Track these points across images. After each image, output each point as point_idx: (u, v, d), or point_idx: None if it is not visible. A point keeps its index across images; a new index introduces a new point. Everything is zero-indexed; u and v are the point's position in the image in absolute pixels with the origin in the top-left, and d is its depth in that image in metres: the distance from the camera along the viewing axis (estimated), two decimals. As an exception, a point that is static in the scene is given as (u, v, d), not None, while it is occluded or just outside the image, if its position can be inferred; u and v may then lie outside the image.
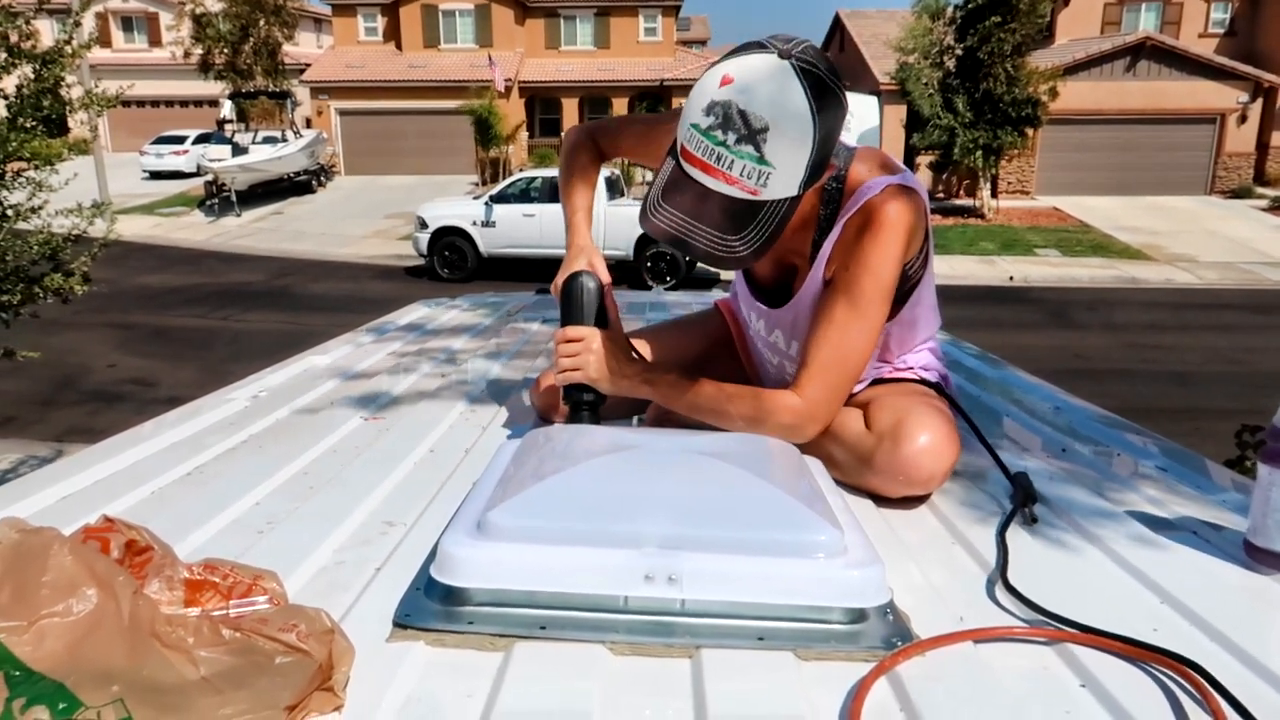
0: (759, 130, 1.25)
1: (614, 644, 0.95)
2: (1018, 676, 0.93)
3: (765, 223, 1.31)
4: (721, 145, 1.27)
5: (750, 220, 1.31)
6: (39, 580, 0.79)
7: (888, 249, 1.40)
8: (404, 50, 29.53)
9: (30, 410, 9.02)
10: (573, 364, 1.57)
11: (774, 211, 1.31)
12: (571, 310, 1.62)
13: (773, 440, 1.35)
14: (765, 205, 1.30)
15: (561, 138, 1.70)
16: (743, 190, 1.29)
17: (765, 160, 1.26)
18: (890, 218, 1.40)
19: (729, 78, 1.27)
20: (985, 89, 19.27)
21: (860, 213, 1.42)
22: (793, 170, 1.28)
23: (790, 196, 1.31)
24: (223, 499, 1.37)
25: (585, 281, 1.61)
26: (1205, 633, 1.02)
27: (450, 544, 1.01)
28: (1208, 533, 1.32)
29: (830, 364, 1.43)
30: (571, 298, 1.62)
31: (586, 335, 1.57)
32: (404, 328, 3.01)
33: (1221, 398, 9.18)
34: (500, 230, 15.12)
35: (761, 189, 1.29)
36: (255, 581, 0.92)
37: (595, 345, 1.56)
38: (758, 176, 1.27)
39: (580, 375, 1.56)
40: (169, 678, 0.75)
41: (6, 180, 5.68)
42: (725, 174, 1.28)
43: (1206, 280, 15.77)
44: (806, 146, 1.27)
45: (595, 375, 1.56)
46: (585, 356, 1.55)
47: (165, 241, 18.82)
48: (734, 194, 1.29)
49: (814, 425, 1.45)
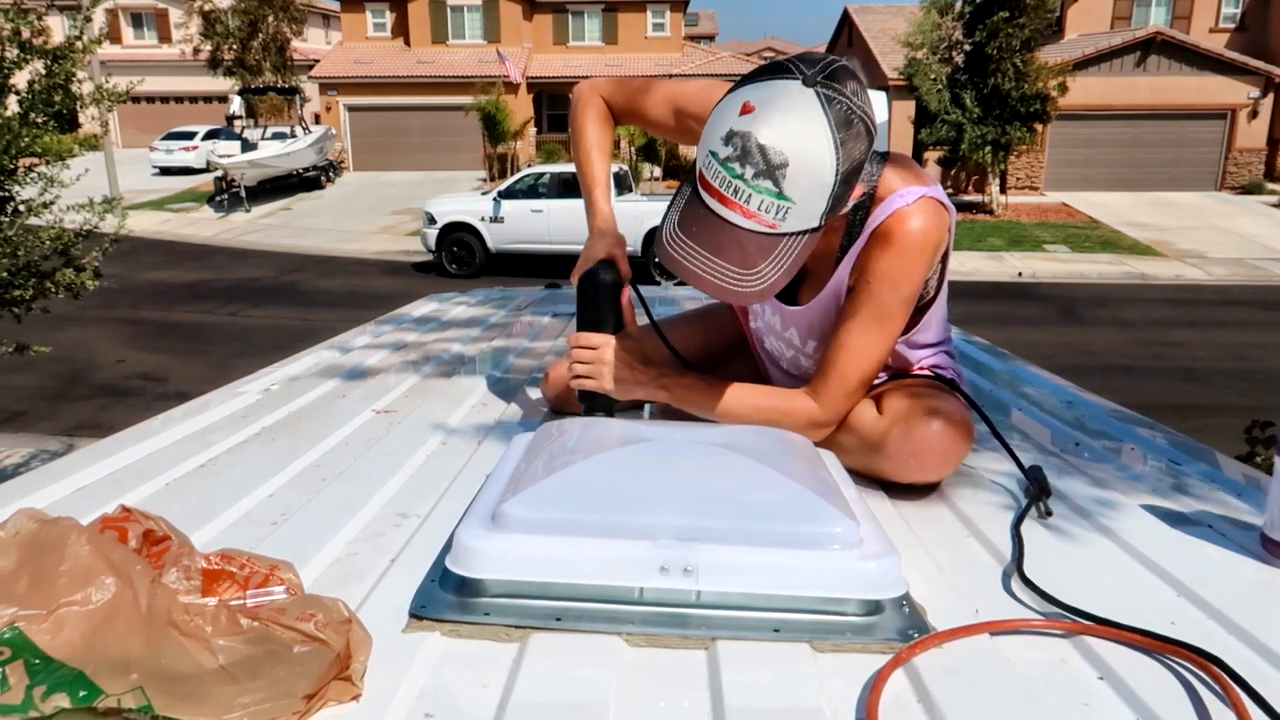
0: (778, 166, 1.21)
1: (629, 635, 0.95)
2: (1035, 669, 0.92)
3: (783, 256, 1.28)
4: (739, 179, 1.22)
5: (768, 254, 1.27)
6: (57, 569, 0.79)
7: (913, 263, 1.39)
8: (412, 46, 29.54)
9: (40, 405, 9.06)
10: (586, 371, 1.56)
11: (793, 245, 1.27)
12: (587, 310, 1.58)
13: (787, 433, 1.34)
14: (784, 238, 1.27)
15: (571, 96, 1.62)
16: (760, 224, 1.25)
17: (784, 195, 1.22)
18: (918, 231, 1.37)
19: (750, 106, 1.22)
20: (994, 84, 19.18)
21: (888, 223, 1.39)
22: (813, 204, 1.25)
23: (811, 228, 1.28)
24: (236, 491, 1.37)
25: (603, 278, 1.56)
26: (1224, 626, 1.01)
27: (465, 535, 1.01)
28: (1223, 526, 1.32)
29: (846, 372, 1.44)
30: (587, 297, 1.57)
31: (600, 344, 1.54)
32: (414, 322, 3.01)
33: (1230, 394, 9.15)
34: (508, 226, 15.12)
35: (780, 223, 1.25)
36: (272, 572, 0.92)
37: (608, 356, 1.54)
38: (776, 211, 1.24)
39: (594, 384, 1.55)
40: (187, 666, 0.75)
41: (19, 175, 5.69)
42: (743, 208, 1.24)
43: (1216, 276, 15.70)
44: (828, 181, 1.23)
45: (609, 385, 1.55)
46: (599, 366, 1.54)
47: (175, 237, 18.87)
48: (752, 227, 1.26)
49: (826, 429, 1.48)
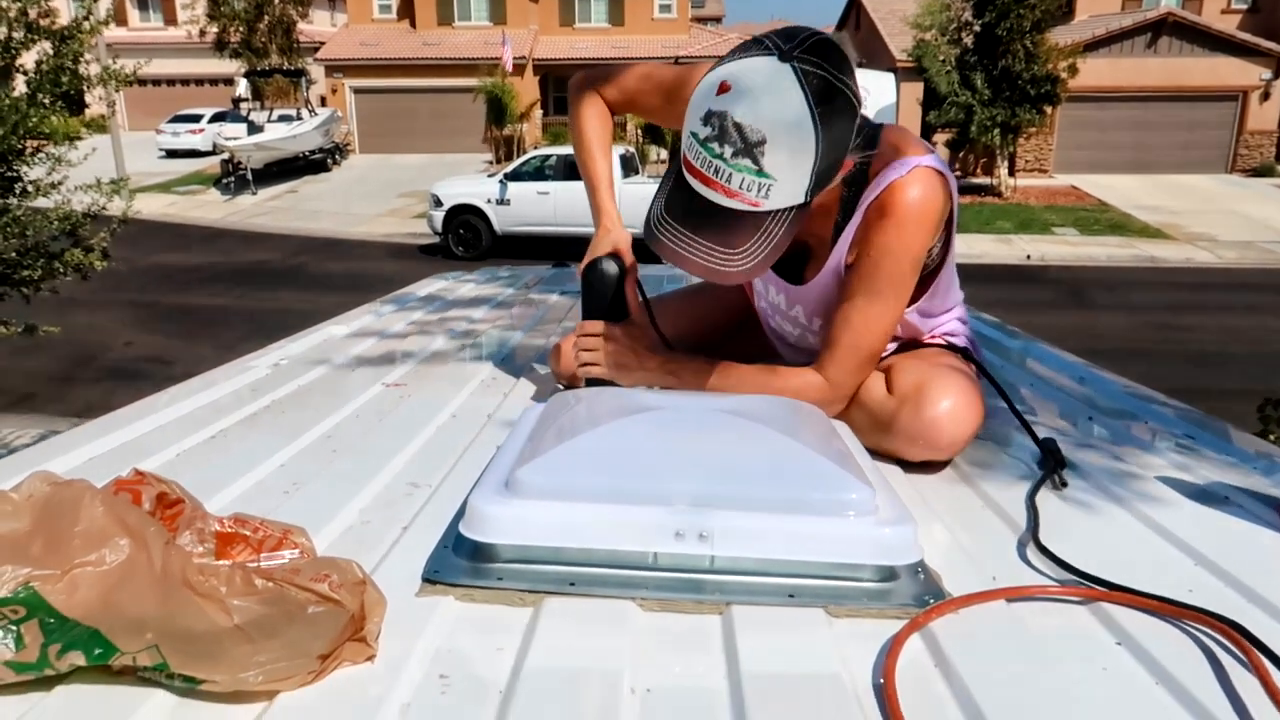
0: (755, 143, 1.20)
1: (644, 600, 0.94)
2: (1053, 634, 0.92)
3: (769, 234, 1.26)
4: (719, 159, 1.22)
5: (753, 233, 1.26)
6: (71, 531, 0.79)
7: (911, 235, 1.37)
8: (418, 28, 29.43)
9: (49, 387, 9.09)
10: (591, 359, 1.56)
11: (779, 221, 1.26)
12: (590, 300, 1.60)
13: (800, 402, 1.34)
14: (769, 215, 1.26)
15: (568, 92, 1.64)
16: (744, 203, 1.24)
17: (764, 173, 1.22)
18: (914, 202, 1.35)
19: (726, 85, 1.21)
20: (1003, 66, 19.04)
21: (885, 194, 1.37)
22: (796, 179, 1.23)
23: (797, 205, 1.26)
24: (248, 461, 1.37)
25: (605, 269, 1.57)
26: (1242, 594, 1.01)
27: (479, 500, 1.00)
28: (1239, 497, 1.31)
29: (853, 347, 1.43)
30: (591, 287, 1.59)
31: (605, 332, 1.56)
32: (422, 299, 3.01)
33: (1241, 378, 9.10)
34: (515, 208, 15.11)
35: (764, 200, 1.24)
36: (285, 536, 0.91)
37: (613, 341, 1.55)
38: (758, 189, 1.23)
39: (600, 371, 1.56)
40: (202, 625, 0.75)
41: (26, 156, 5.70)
42: (725, 187, 1.23)
43: (1226, 260, 15.62)
44: (808, 155, 1.22)
45: (613, 371, 1.55)
46: (604, 354, 1.55)
47: (181, 220, 18.88)
48: (735, 206, 1.25)
49: (837, 405, 1.46)
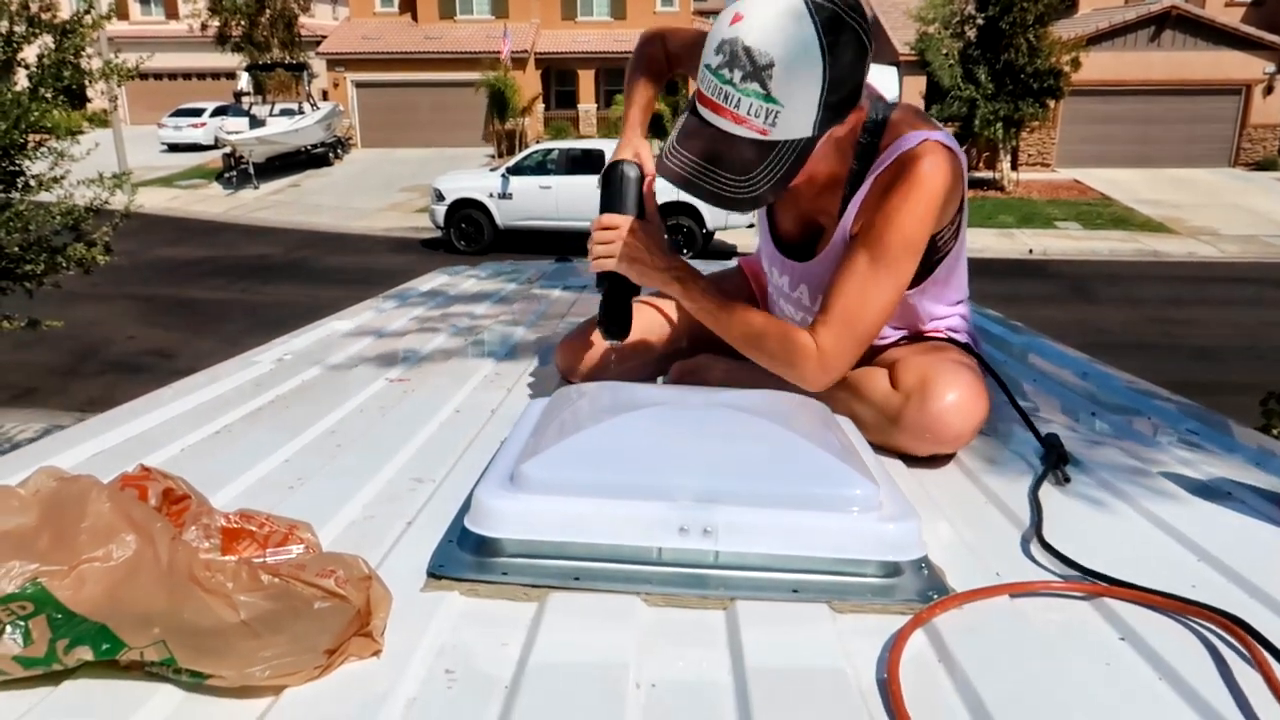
0: (764, 67, 1.22)
1: (648, 595, 0.95)
2: (1056, 630, 0.92)
3: (777, 164, 1.28)
4: (729, 84, 1.25)
5: (761, 161, 1.28)
6: (78, 526, 0.79)
7: (918, 204, 1.36)
8: (420, 22, 29.36)
9: (52, 381, 9.10)
10: (605, 251, 1.53)
11: (787, 152, 1.28)
12: (610, 197, 1.58)
13: (804, 397, 1.34)
14: (777, 145, 1.28)
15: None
16: (752, 130, 1.26)
17: (772, 98, 1.24)
18: (924, 172, 1.35)
19: (739, 15, 1.25)
20: (1006, 60, 18.98)
21: (893, 166, 1.38)
22: (804, 109, 1.25)
23: (805, 137, 1.28)
24: (252, 456, 1.37)
25: (626, 170, 1.58)
26: (1245, 590, 1.01)
27: (484, 495, 1.01)
28: (1242, 493, 1.31)
29: (848, 317, 1.39)
30: (611, 185, 1.58)
31: (621, 223, 1.53)
32: (425, 294, 3.01)
33: (1243, 372, 9.09)
34: (517, 203, 15.08)
35: (771, 128, 1.26)
36: (291, 531, 0.92)
37: (627, 234, 1.52)
38: (766, 115, 1.25)
39: (611, 264, 1.53)
40: (209, 621, 0.76)
41: (28, 150, 5.69)
42: (733, 113, 1.26)
43: (1229, 254, 15.59)
44: (816, 84, 1.24)
45: (626, 265, 1.52)
46: (618, 245, 1.52)
47: (183, 214, 18.88)
48: (744, 134, 1.27)
49: (824, 375, 1.41)
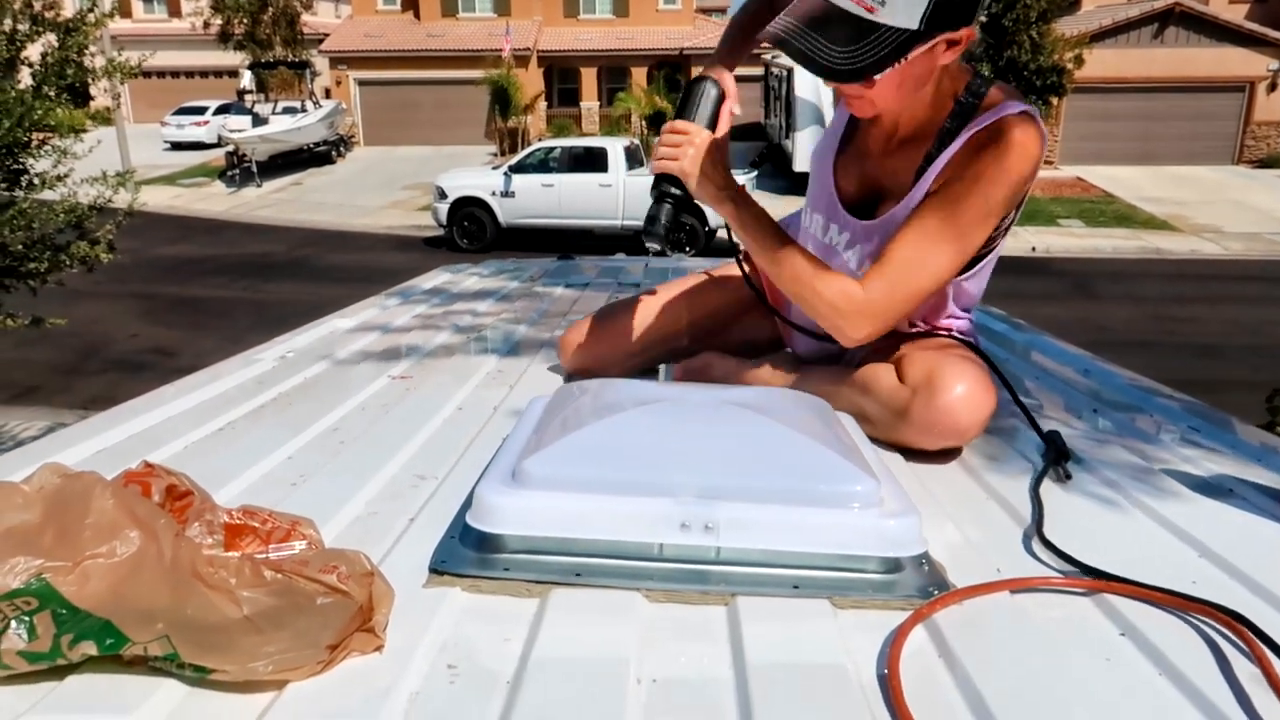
0: None
1: (649, 591, 0.95)
2: (1056, 625, 0.92)
3: (875, 47, 1.29)
4: None
5: (862, 39, 1.29)
6: (82, 523, 0.79)
7: (1009, 171, 1.37)
8: (422, 19, 29.34)
9: (54, 379, 9.12)
10: (670, 153, 1.52)
11: (889, 39, 1.28)
12: (687, 106, 1.58)
13: (806, 395, 1.34)
14: (880, 29, 1.28)
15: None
16: (860, 6, 1.27)
17: None
18: (1023, 140, 1.37)
19: None
20: (1009, 57, 18.96)
21: (993, 127, 1.39)
22: None
23: (910, 29, 1.28)
24: (255, 453, 1.38)
25: (708, 87, 1.58)
26: (1246, 586, 1.01)
27: (486, 491, 1.01)
28: (1243, 489, 1.31)
29: (905, 269, 1.38)
30: (690, 95, 1.59)
31: (692, 130, 1.53)
32: (427, 292, 3.01)
33: (1246, 370, 9.08)
34: (519, 201, 15.08)
35: (880, 7, 1.27)
36: (293, 527, 0.92)
37: (698, 141, 1.51)
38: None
39: (674, 166, 1.52)
40: (212, 616, 0.76)
41: (32, 149, 5.70)
42: None
43: (1232, 251, 15.55)
44: None
45: (689, 169, 1.51)
46: (685, 149, 1.51)
47: (186, 212, 18.89)
48: (852, 9, 1.28)
49: (862, 322, 1.41)
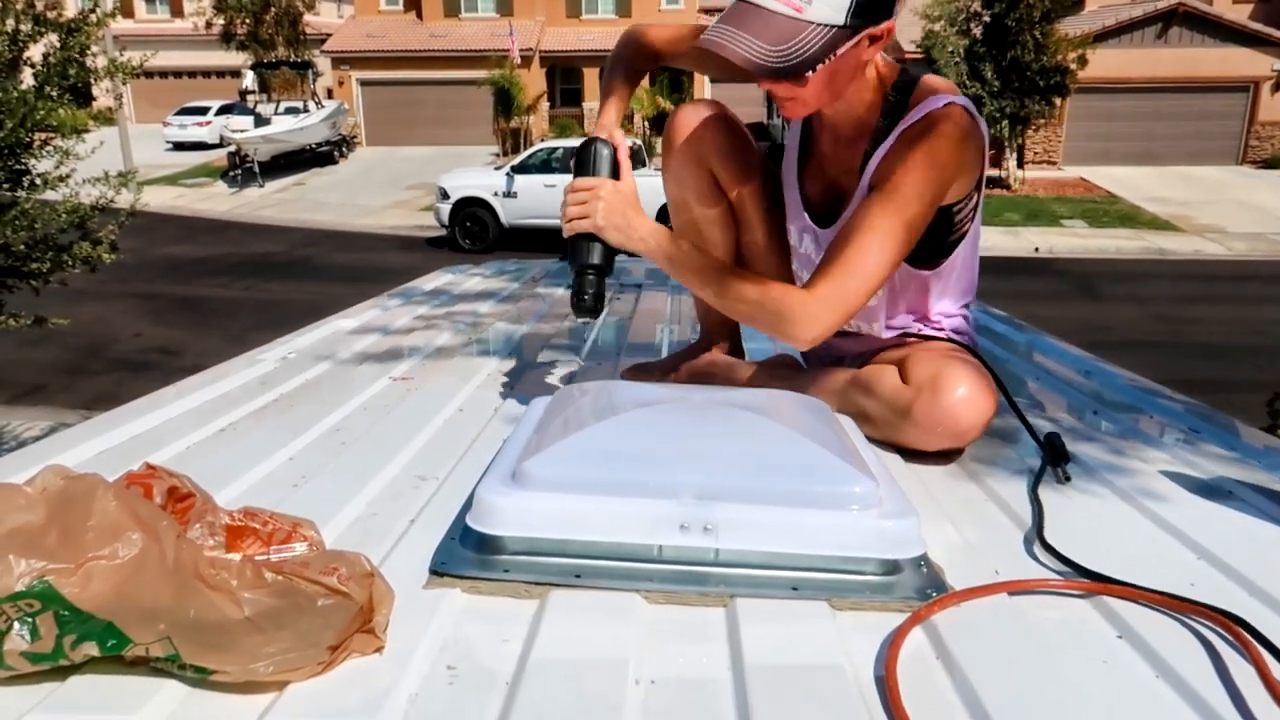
0: None
1: (648, 593, 0.95)
2: (1054, 627, 0.92)
3: (805, 44, 1.32)
4: None
5: (793, 37, 1.32)
6: (85, 524, 0.80)
7: (937, 162, 1.39)
8: (424, 20, 29.36)
9: (58, 379, 9.14)
10: (579, 212, 1.47)
11: (818, 35, 1.32)
12: (583, 167, 1.54)
13: (805, 397, 1.34)
14: (809, 26, 1.31)
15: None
16: (788, 5, 1.31)
17: None
18: (949, 132, 1.39)
19: None
20: (1012, 57, 18.92)
21: (921, 122, 1.42)
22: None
23: (837, 25, 1.32)
24: (256, 454, 1.38)
25: (599, 146, 1.54)
26: (1244, 588, 1.01)
27: (486, 492, 1.01)
28: (1243, 492, 1.31)
29: (847, 268, 1.38)
30: (584, 158, 1.54)
31: (596, 184, 1.48)
32: (429, 293, 3.02)
33: (1250, 370, 9.08)
34: (521, 201, 15.10)
35: (806, 6, 1.31)
36: (294, 529, 0.93)
37: (604, 193, 1.47)
38: None
39: (587, 224, 1.47)
40: (214, 617, 0.76)
41: (34, 149, 5.71)
42: None
43: (1236, 251, 15.53)
44: None
45: (601, 223, 1.46)
46: (594, 204, 1.47)
47: (189, 212, 18.92)
48: (780, 10, 1.31)
49: (812, 327, 1.39)
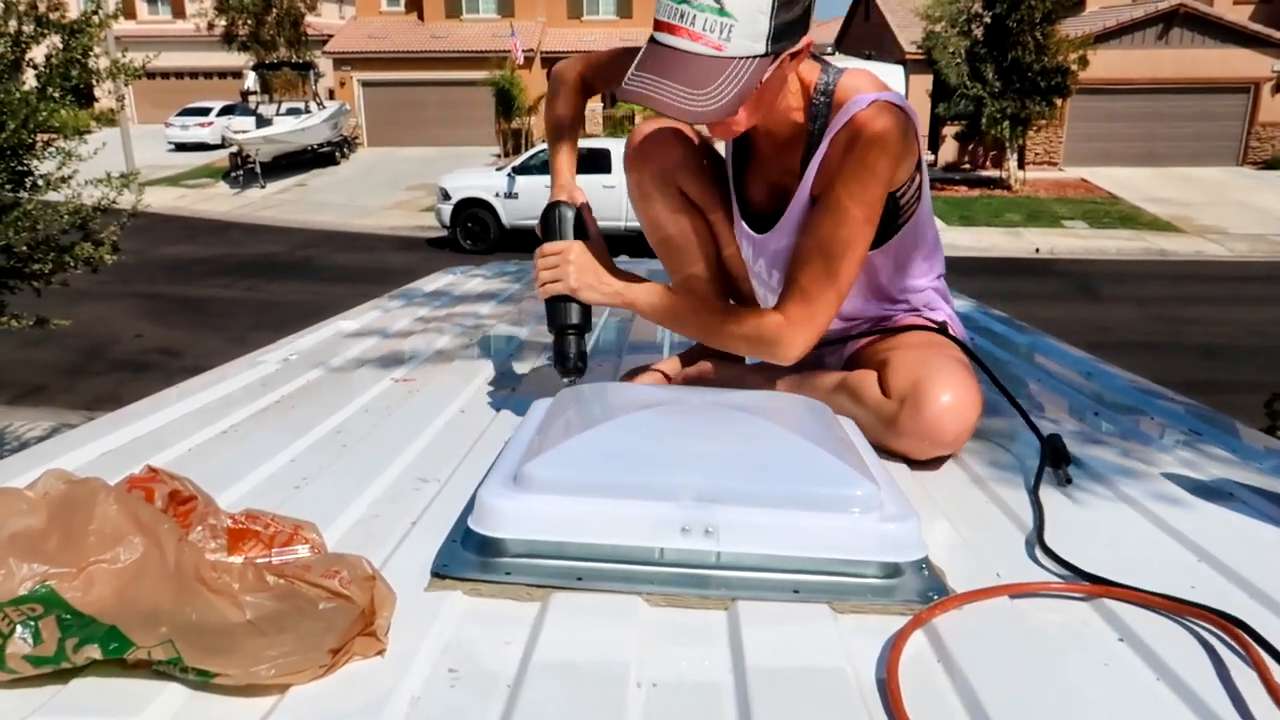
0: None
1: (650, 595, 0.95)
2: (1055, 630, 0.93)
3: (734, 79, 1.31)
4: (684, 3, 1.29)
5: (718, 77, 1.31)
6: (86, 528, 0.80)
7: (873, 168, 1.39)
8: (426, 21, 29.36)
9: (59, 379, 9.13)
10: (552, 275, 1.53)
11: (742, 69, 1.31)
12: (549, 234, 1.58)
13: (806, 399, 1.34)
14: (733, 62, 1.31)
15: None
16: (708, 46, 1.30)
17: (725, 11, 1.28)
18: (876, 134, 1.39)
19: None
20: (1013, 58, 18.90)
21: (846, 128, 1.41)
22: (755, 23, 1.29)
23: (759, 54, 1.31)
24: (258, 455, 1.38)
25: (563, 209, 1.58)
26: (1245, 591, 1.01)
27: (488, 495, 1.01)
28: (1244, 494, 1.31)
29: (813, 283, 1.42)
30: (549, 223, 1.58)
31: (564, 247, 1.54)
32: (430, 294, 3.02)
33: (1250, 371, 9.07)
34: (522, 202, 15.08)
35: (726, 44, 1.29)
36: (296, 531, 0.93)
37: (573, 255, 1.52)
38: (720, 29, 1.29)
39: (560, 286, 1.52)
40: (215, 621, 0.76)
41: (36, 150, 5.71)
42: (689, 31, 1.30)
43: (1237, 252, 15.52)
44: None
45: (575, 284, 1.52)
46: (564, 267, 1.52)
47: (190, 213, 18.92)
48: (700, 51, 1.30)
49: (794, 345, 1.43)
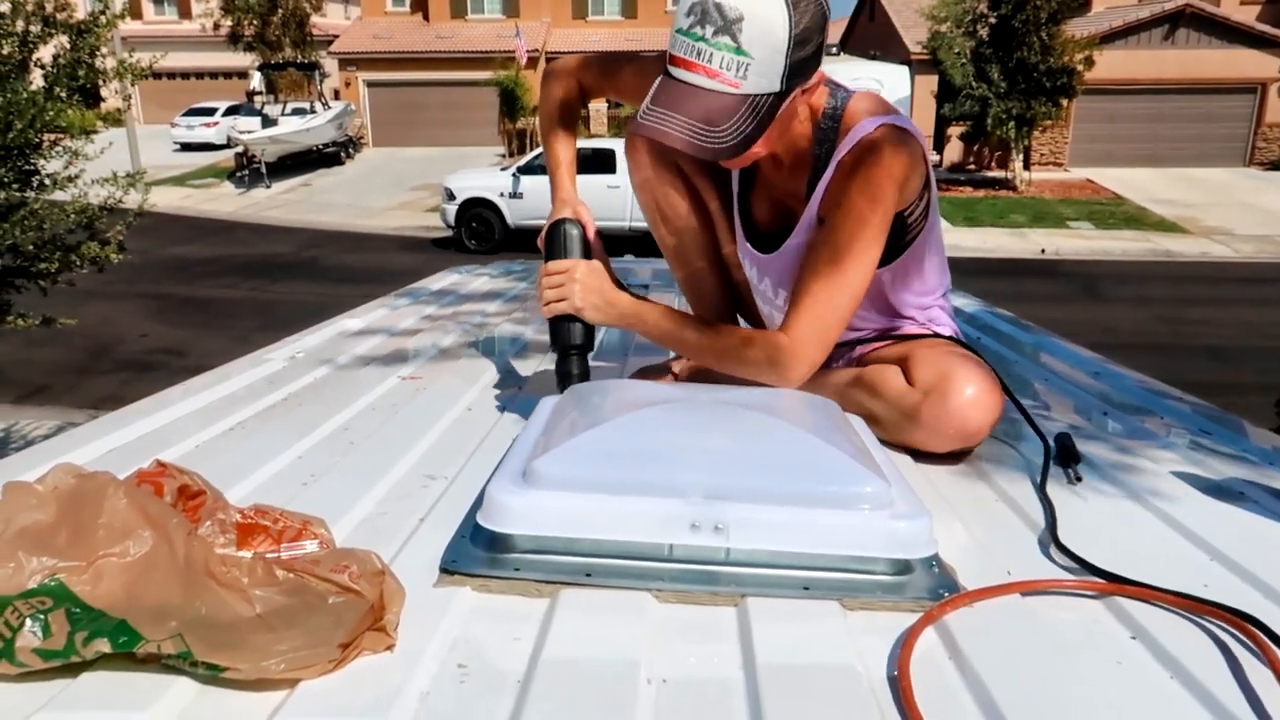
0: (734, 20, 1.27)
1: (659, 592, 0.95)
2: (1067, 628, 0.92)
3: (748, 117, 1.32)
4: (701, 40, 1.29)
5: (733, 114, 1.31)
6: (95, 522, 0.80)
7: (878, 190, 1.39)
8: (431, 21, 29.41)
9: (65, 379, 9.16)
10: (556, 295, 1.54)
11: (757, 107, 1.32)
12: (554, 253, 1.59)
13: (816, 396, 1.34)
14: (749, 99, 1.31)
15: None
16: (724, 83, 1.30)
17: (742, 50, 1.28)
18: (882, 158, 1.39)
19: None
20: (1019, 58, 18.87)
21: (853, 152, 1.41)
22: (772, 61, 1.29)
23: (774, 92, 1.31)
24: (265, 453, 1.38)
25: (568, 228, 1.59)
26: (1258, 589, 1.00)
27: (497, 491, 1.01)
28: (1254, 492, 1.31)
29: (818, 304, 1.41)
30: (554, 242, 1.60)
31: (569, 266, 1.55)
32: (436, 293, 3.02)
33: (1256, 372, 9.04)
34: (527, 202, 15.09)
35: (742, 81, 1.30)
36: (305, 526, 0.93)
37: (579, 274, 1.53)
38: (737, 68, 1.29)
39: (565, 306, 1.53)
40: (225, 615, 0.76)
41: (43, 149, 5.73)
42: (706, 68, 1.30)
43: (1243, 253, 15.49)
44: (782, 38, 1.28)
45: (580, 304, 1.53)
46: (570, 286, 1.53)
47: (196, 213, 18.96)
48: (716, 88, 1.30)
49: (800, 366, 1.42)
